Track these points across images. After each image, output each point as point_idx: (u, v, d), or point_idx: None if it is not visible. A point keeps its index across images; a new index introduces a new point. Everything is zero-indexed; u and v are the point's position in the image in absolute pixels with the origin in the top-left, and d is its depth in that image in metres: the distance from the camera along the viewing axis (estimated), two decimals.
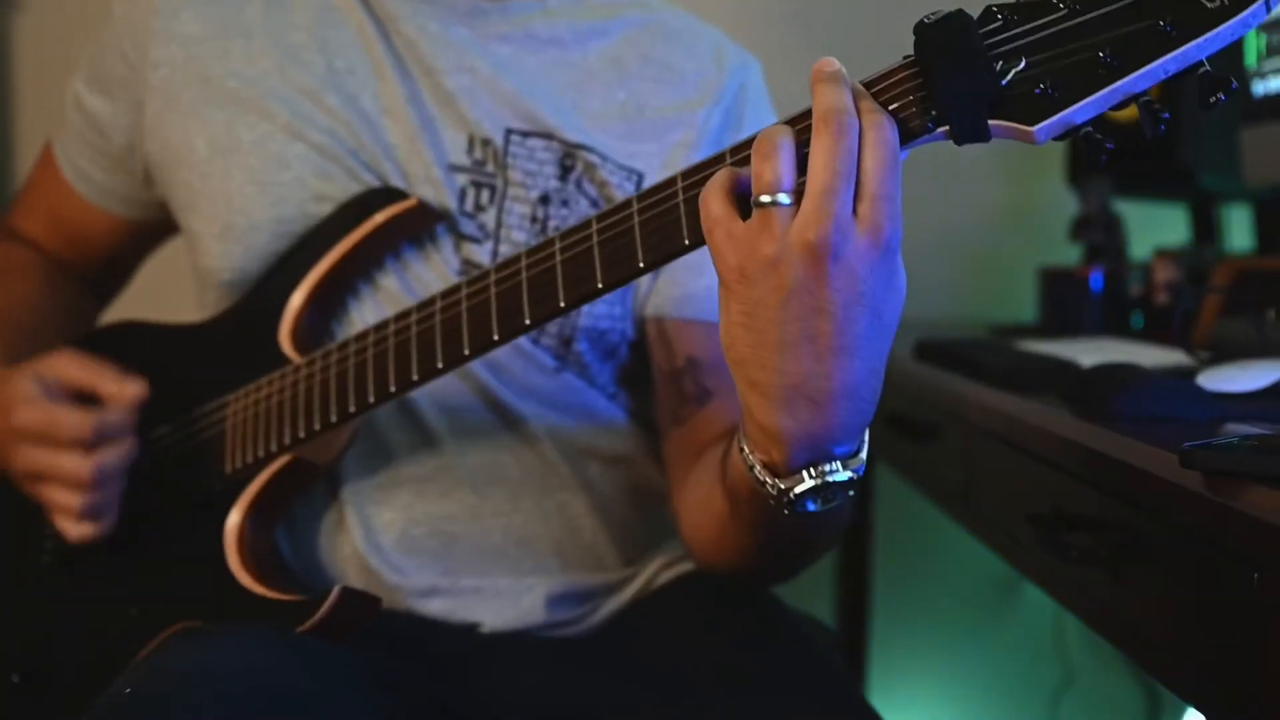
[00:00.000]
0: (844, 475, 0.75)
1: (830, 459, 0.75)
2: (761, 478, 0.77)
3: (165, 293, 1.32)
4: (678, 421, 1.05)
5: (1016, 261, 1.98)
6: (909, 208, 0.72)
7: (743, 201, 0.72)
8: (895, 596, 2.07)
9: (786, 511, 0.76)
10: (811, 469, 0.75)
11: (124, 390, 1.00)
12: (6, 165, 2.07)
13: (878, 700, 1.04)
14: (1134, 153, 1.62)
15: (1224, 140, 0.65)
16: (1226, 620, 0.69)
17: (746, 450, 0.78)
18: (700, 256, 0.96)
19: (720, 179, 0.73)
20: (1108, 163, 0.69)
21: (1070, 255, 1.79)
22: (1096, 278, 1.57)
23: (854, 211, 0.69)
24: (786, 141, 0.70)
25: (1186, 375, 0.97)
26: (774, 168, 0.70)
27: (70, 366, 1.01)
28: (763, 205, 0.70)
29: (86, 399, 1.01)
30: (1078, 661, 2.10)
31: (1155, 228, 1.84)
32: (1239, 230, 1.78)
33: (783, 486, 0.75)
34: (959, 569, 2.09)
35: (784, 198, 0.69)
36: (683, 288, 1.05)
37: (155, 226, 1.19)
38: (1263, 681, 0.66)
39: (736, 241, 0.71)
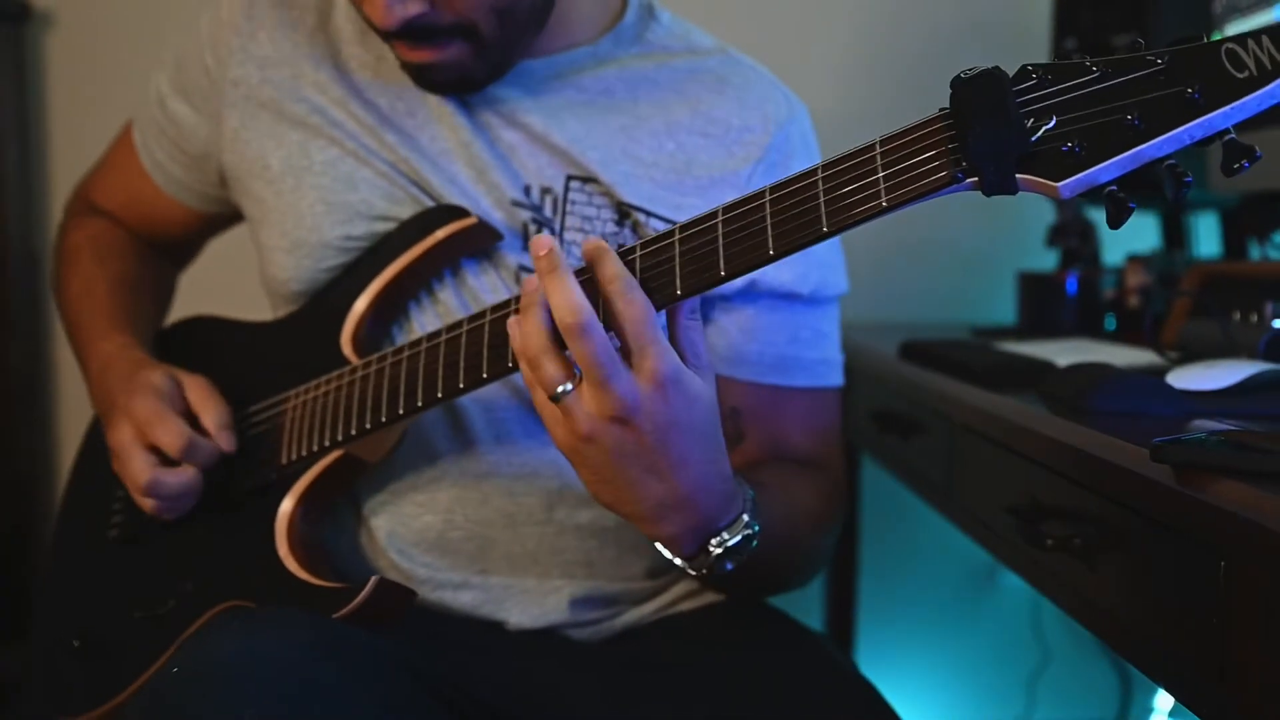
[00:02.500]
0: (735, 539, 0.85)
1: (716, 534, 0.84)
2: (680, 564, 0.87)
3: (241, 292, 1.33)
4: None
5: (996, 266, 1.98)
6: (898, 218, 0.73)
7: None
8: (881, 584, 2.08)
9: (714, 575, 0.86)
10: (706, 547, 0.85)
11: (218, 437, 1.01)
12: (42, 171, 2.08)
13: None
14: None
15: (1192, 152, 0.66)
16: (1195, 606, 0.70)
17: (660, 547, 0.87)
18: (754, 324, 1.05)
19: (528, 376, 0.79)
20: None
21: (1047, 260, 1.79)
22: (1072, 282, 1.58)
23: (633, 367, 0.76)
24: (546, 348, 0.77)
25: (1157, 374, 0.97)
26: (547, 373, 0.77)
27: (196, 389, 1.03)
28: (558, 398, 0.77)
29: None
30: (1054, 645, 2.10)
31: (1127, 234, 1.84)
32: (1206, 237, 1.78)
33: (695, 565, 0.86)
34: (942, 558, 2.09)
35: (568, 386, 0.77)
36: (735, 350, 1.05)
37: (226, 217, 1.21)
38: (1229, 663, 0.66)
39: (560, 427, 0.78)
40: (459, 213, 1.01)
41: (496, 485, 1.04)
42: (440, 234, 1.00)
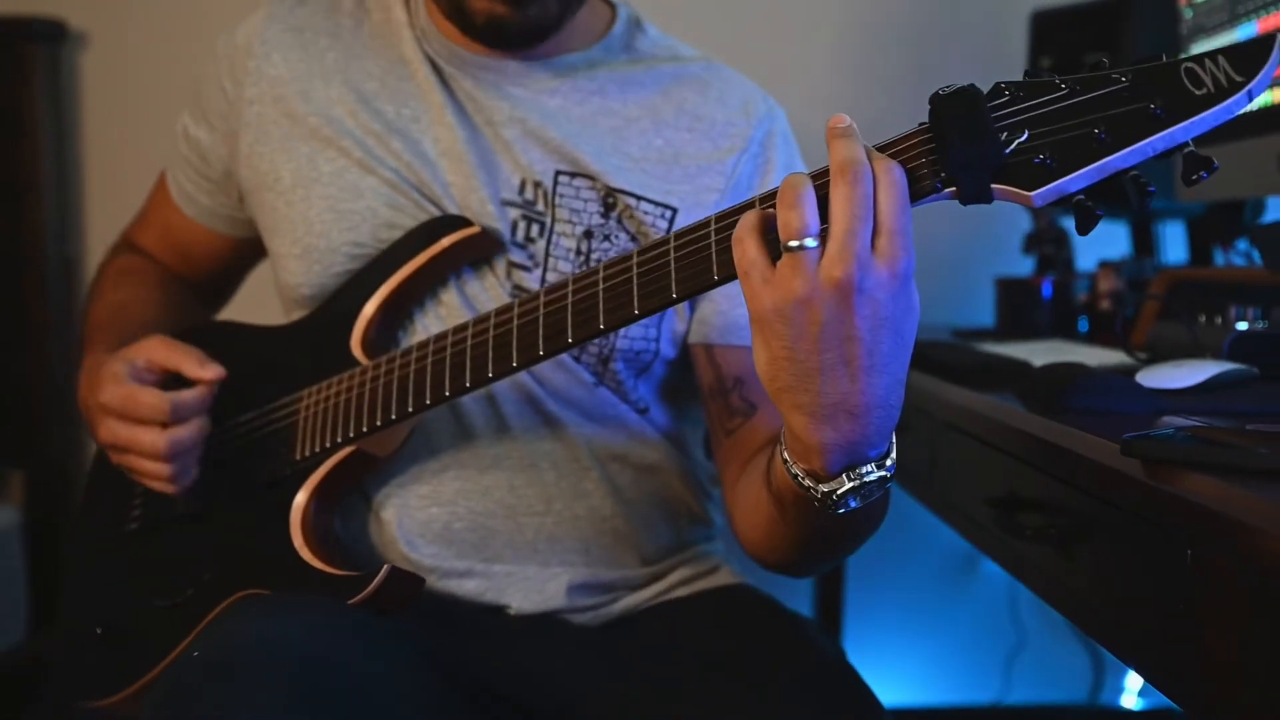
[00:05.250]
0: (878, 474, 0.76)
1: (865, 461, 0.75)
2: (805, 484, 0.77)
3: (258, 300, 1.33)
4: (728, 433, 1.04)
5: (975, 272, 1.98)
6: None
7: (771, 244, 0.72)
8: (867, 571, 2.07)
9: (830, 511, 0.77)
10: (850, 472, 0.75)
11: (205, 372, 1.01)
12: (77, 184, 2.08)
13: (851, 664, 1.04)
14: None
15: (1160, 164, 0.67)
16: (1163, 591, 0.70)
17: (789, 460, 0.77)
18: (737, 288, 0.98)
19: (750, 222, 0.72)
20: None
21: (1024, 266, 1.79)
22: (1047, 286, 1.58)
23: (872, 247, 0.69)
24: (809, 191, 0.70)
25: (1127, 374, 0.97)
26: (800, 215, 0.69)
27: (157, 350, 1.02)
28: (792, 249, 0.69)
29: (173, 380, 1.02)
30: (1030, 628, 2.10)
31: (1099, 242, 1.84)
32: (1173, 244, 1.78)
33: (825, 490, 0.76)
34: (925, 547, 2.09)
35: (810, 241, 0.69)
36: (725, 316, 1.05)
37: (253, 244, 1.20)
38: (1195, 646, 0.66)
39: (771, 283, 0.70)
40: (463, 222, 1.02)
41: (498, 479, 1.04)
42: (445, 242, 1.01)
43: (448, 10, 1.02)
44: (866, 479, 0.75)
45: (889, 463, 0.76)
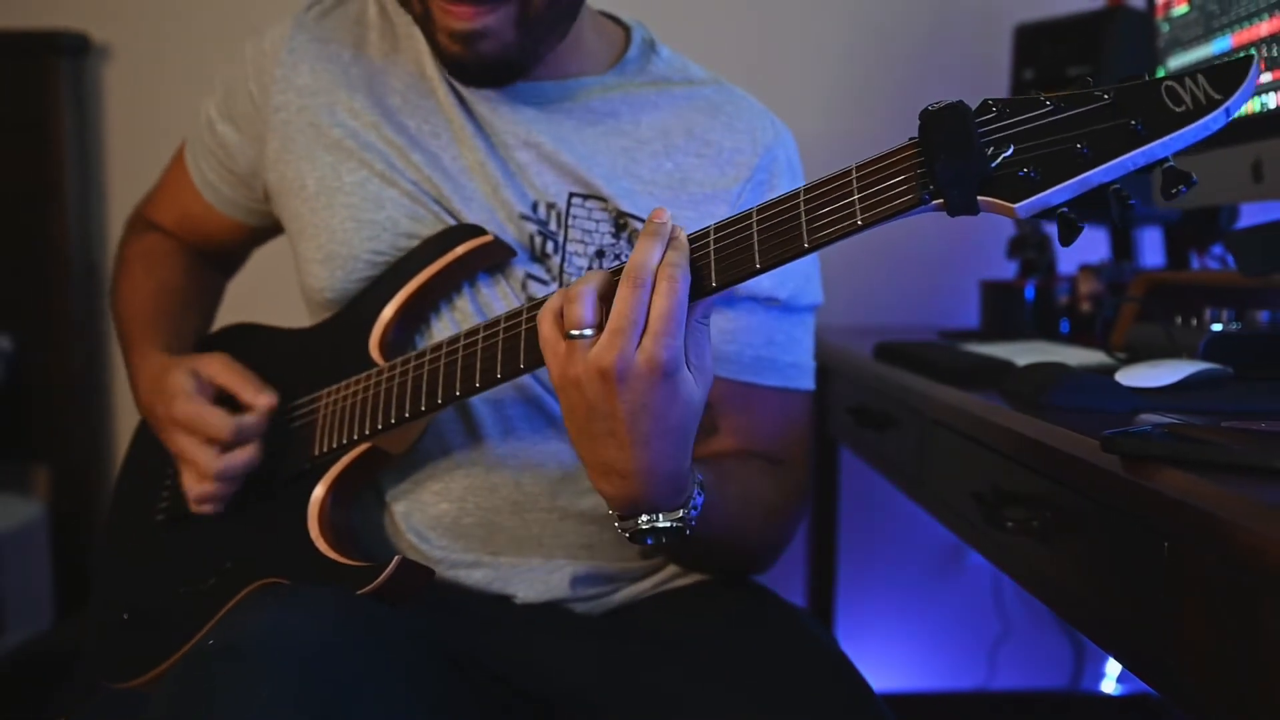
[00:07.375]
0: (665, 524, 0.83)
1: (651, 511, 0.83)
2: (614, 521, 0.85)
3: (281, 301, 1.33)
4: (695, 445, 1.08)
5: (961, 275, 1.98)
6: (873, 231, 0.73)
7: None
8: (858, 563, 2.08)
9: (636, 543, 0.85)
10: (638, 518, 0.83)
11: (260, 400, 1.02)
12: (100, 191, 2.08)
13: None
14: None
15: (1137, 177, 0.68)
16: (1141, 582, 0.70)
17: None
18: (734, 326, 1.04)
19: (551, 305, 0.80)
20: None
21: (1007, 270, 1.80)
22: (1030, 289, 1.58)
23: (640, 344, 0.76)
24: (590, 290, 0.78)
25: (1107, 373, 0.97)
26: (578, 310, 0.77)
27: (219, 370, 1.04)
28: (572, 337, 0.77)
29: (228, 399, 1.04)
30: (1013, 617, 2.10)
31: (1080, 246, 1.84)
32: (1151, 249, 1.79)
33: (620, 526, 0.85)
34: (912, 539, 2.09)
35: (587, 331, 0.77)
36: (716, 349, 1.04)
37: (270, 230, 1.21)
38: (1171, 634, 0.66)
39: (558, 360, 0.78)
40: (477, 231, 1.02)
41: (505, 476, 1.04)
42: (460, 250, 1.01)
43: (433, 53, 1.03)
44: (655, 526, 0.83)
45: (675, 518, 0.83)
